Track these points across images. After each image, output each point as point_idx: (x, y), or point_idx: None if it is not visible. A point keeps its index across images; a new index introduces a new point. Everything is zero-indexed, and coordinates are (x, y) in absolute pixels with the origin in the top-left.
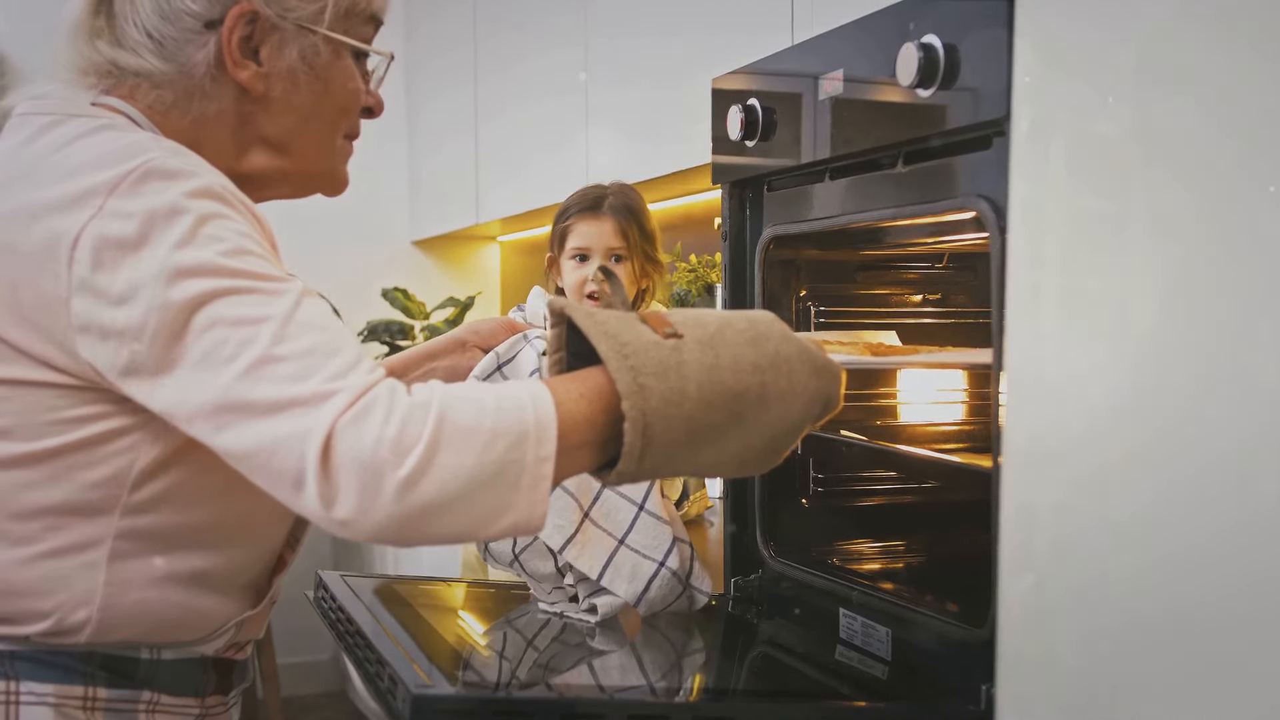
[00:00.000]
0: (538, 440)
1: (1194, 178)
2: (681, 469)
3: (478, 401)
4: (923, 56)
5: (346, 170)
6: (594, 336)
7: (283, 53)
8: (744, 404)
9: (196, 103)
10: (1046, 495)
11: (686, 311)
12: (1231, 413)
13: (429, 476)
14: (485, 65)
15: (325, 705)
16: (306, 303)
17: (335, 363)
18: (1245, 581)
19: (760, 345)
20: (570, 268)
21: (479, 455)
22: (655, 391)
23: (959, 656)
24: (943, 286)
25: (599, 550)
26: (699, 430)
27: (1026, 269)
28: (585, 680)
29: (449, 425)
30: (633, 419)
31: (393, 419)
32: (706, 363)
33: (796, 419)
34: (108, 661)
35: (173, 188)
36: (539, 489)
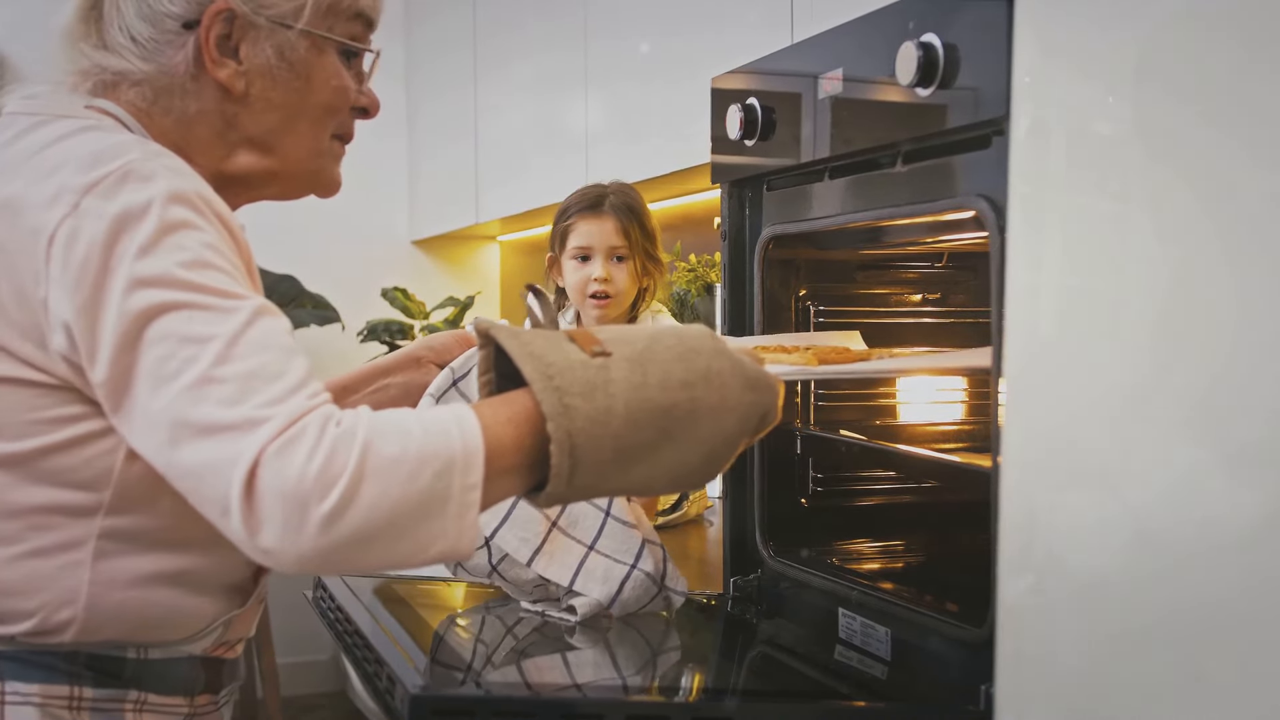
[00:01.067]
0: (464, 468)
1: (1194, 177)
2: (614, 488)
3: (403, 430)
4: (922, 55)
5: (339, 172)
6: (518, 358)
7: (259, 50)
8: (674, 421)
9: (178, 102)
10: (1046, 495)
11: (616, 329)
12: (1232, 412)
13: (353, 509)
14: (485, 65)
15: (324, 705)
16: (260, 322)
17: (274, 388)
18: (1245, 582)
19: (690, 361)
20: (572, 267)
21: (404, 486)
22: (581, 411)
23: (958, 656)
24: (942, 286)
25: (569, 558)
26: (629, 448)
27: (1026, 268)
28: (584, 680)
29: (374, 455)
30: (559, 440)
31: (319, 450)
32: (634, 381)
33: (731, 434)
34: (93, 661)
35: (147, 190)
36: (467, 517)
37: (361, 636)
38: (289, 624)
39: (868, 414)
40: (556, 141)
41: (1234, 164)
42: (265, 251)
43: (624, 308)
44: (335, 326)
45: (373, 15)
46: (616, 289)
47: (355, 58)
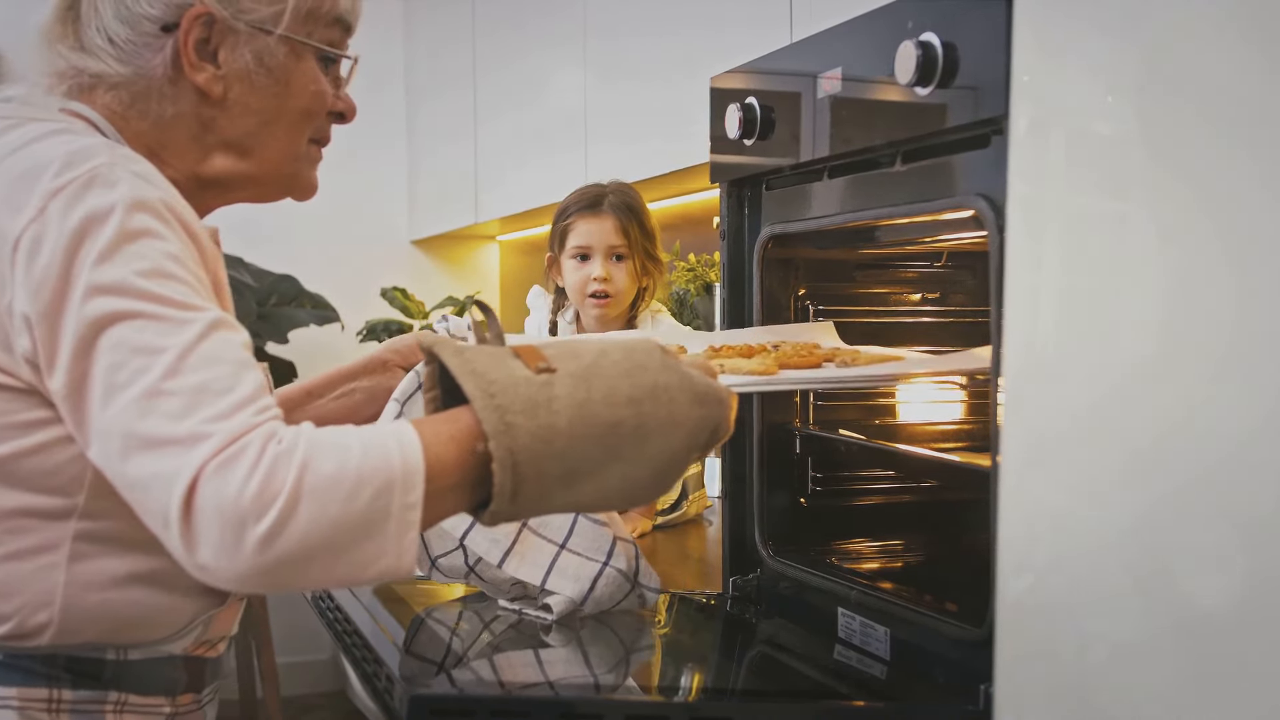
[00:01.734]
0: (404, 487)
1: (1193, 176)
2: (561, 505)
3: (343, 449)
4: (921, 55)
5: (315, 175)
6: (460, 375)
7: (238, 55)
8: (621, 437)
9: (155, 105)
10: (1045, 494)
11: (564, 343)
12: (1232, 412)
13: (290, 529)
14: (484, 65)
15: (324, 705)
16: (214, 335)
17: (221, 403)
18: (1245, 582)
19: (636, 376)
20: (571, 267)
21: (342, 505)
22: (523, 429)
23: (958, 656)
24: (941, 285)
25: (540, 557)
26: (574, 465)
27: (1025, 267)
28: (583, 680)
29: (311, 475)
30: (500, 458)
31: (259, 469)
32: (578, 397)
33: (680, 449)
34: (72, 663)
35: (110, 196)
36: (407, 536)
37: (361, 636)
38: (288, 624)
39: (867, 413)
40: (555, 141)
41: (1233, 163)
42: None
43: (623, 307)
44: (335, 326)
45: (351, 20)
46: (616, 288)
47: (333, 63)
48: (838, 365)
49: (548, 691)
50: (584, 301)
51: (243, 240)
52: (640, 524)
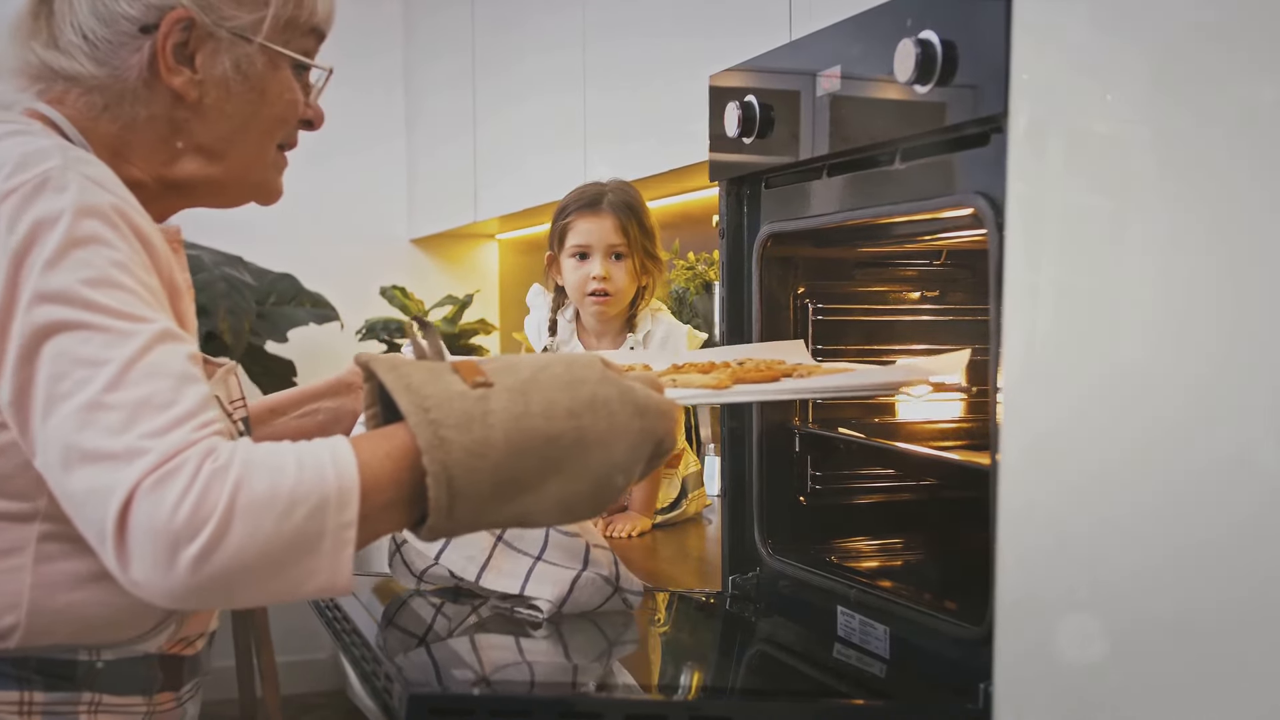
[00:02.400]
0: (339, 506)
1: (1193, 174)
2: (501, 519)
3: (278, 468)
4: (920, 53)
5: (281, 181)
6: (394, 391)
7: (217, 61)
8: (560, 450)
9: (128, 107)
10: (1045, 493)
11: (504, 358)
12: (1231, 411)
13: (223, 549)
14: (483, 63)
15: (324, 704)
16: (158, 348)
17: (160, 418)
18: (1245, 581)
19: (575, 389)
20: (570, 266)
21: (276, 524)
22: (457, 444)
23: (957, 655)
24: (940, 284)
25: (517, 568)
26: (512, 479)
27: (1024, 266)
28: (583, 678)
29: (245, 494)
30: (434, 474)
31: (193, 488)
32: (515, 410)
33: (621, 462)
34: (44, 665)
35: (60, 201)
36: (342, 554)
37: (360, 635)
38: (288, 623)
39: (866, 411)
40: (555, 139)
41: (1233, 162)
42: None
43: (623, 305)
44: (334, 325)
45: (326, 30)
46: (615, 287)
47: (304, 71)
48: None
49: (547, 690)
50: (583, 300)
51: (242, 239)
52: (640, 523)
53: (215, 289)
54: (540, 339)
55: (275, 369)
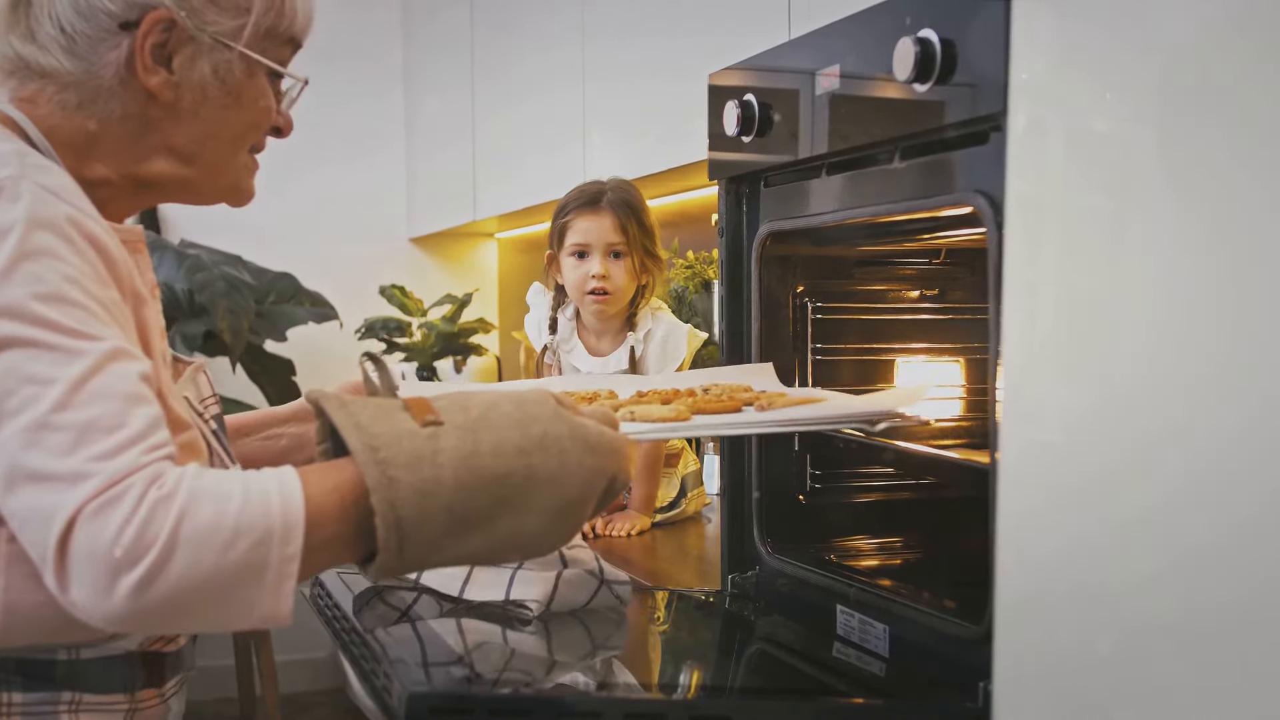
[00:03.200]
0: (283, 538)
1: (1192, 173)
2: (452, 557)
3: (223, 497)
4: (919, 51)
5: (253, 183)
6: (343, 430)
7: (196, 65)
8: (511, 488)
9: (102, 104)
10: (1044, 491)
11: (456, 395)
12: (1231, 410)
13: (163, 578)
14: (482, 62)
15: (323, 703)
16: (108, 368)
17: (108, 441)
18: (1245, 580)
19: (526, 427)
20: (570, 264)
21: (218, 555)
22: (405, 483)
23: (957, 653)
24: (940, 282)
25: (498, 579)
26: (462, 517)
27: (1023, 264)
28: (582, 678)
29: (189, 523)
30: (383, 513)
31: (136, 515)
32: (465, 449)
33: (574, 499)
34: (22, 666)
35: (12, 213)
36: (284, 587)
37: (359, 634)
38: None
39: None
40: (554, 138)
41: (1232, 160)
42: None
43: (622, 304)
44: (333, 324)
45: (303, 40)
46: (615, 285)
47: (278, 78)
48: (756, 409)
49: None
50: (583, 299)
51: (241, 238)
52: (639, 521)
53: (215, 288)
54: (540, 338)
55: (274, 368)
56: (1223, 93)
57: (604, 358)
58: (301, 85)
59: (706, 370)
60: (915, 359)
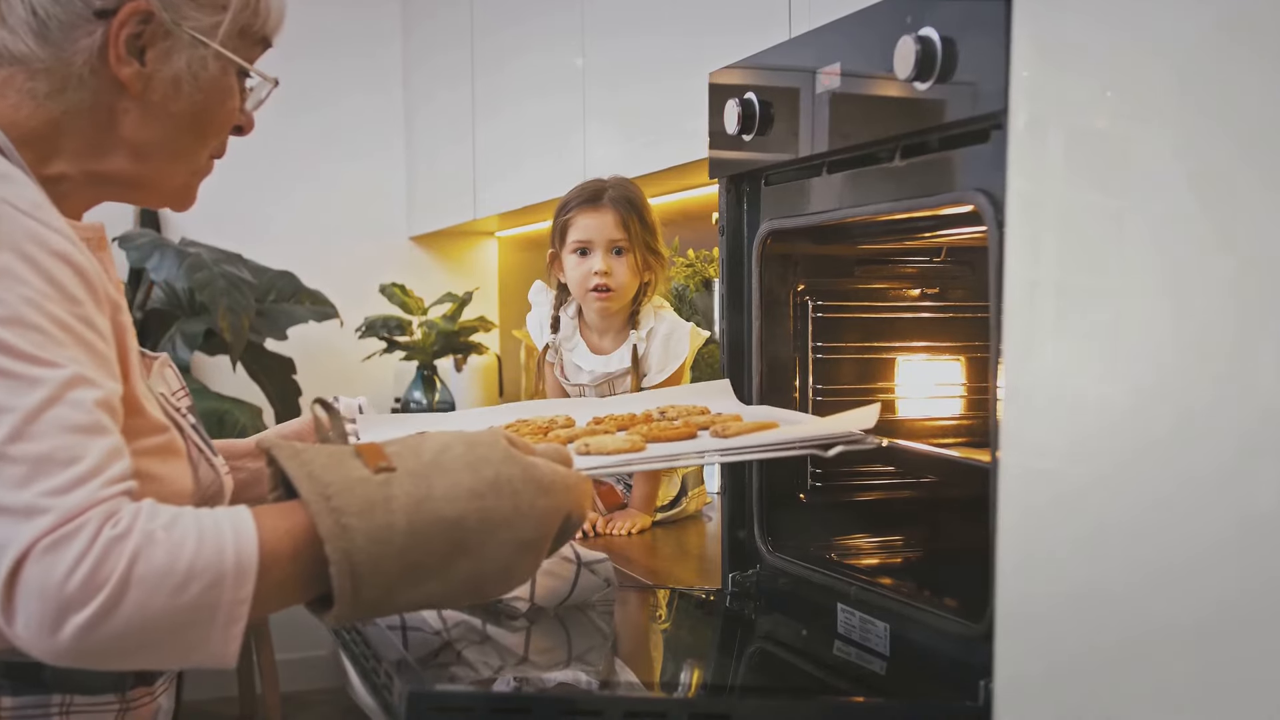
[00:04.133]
0: (235, 583)
1: (1192, 171)
2: (410, 602)
3: (178, 540)
4: (920, 50)
5: (197, 190)
6: (296, 479)
7: (170, 59)
8: (465, 532)
9: (71, 93)
10: (1045, 490)
11: (407, 440)
12: (1232, 410)
13: (111, 620)
14: (483, 60)
15: (323, 701)
16: (66, 397)
17: (63, 475)
18: (1246, 579)
19: (479, 470)
20: (572, 262)
21: (169, 598)
22: (359, 530)
23: (958, 652)
24: (940, 281)
25: None
26: (417, 563)
27: (1024, 263)
28: (582, 676)
29: (142, 565)
30: (337, 562)
31: (89, 554)
32: (418, 495)
33: (529, 540)
34: (10, 669)
35: None
36: (232, 630)
37: (359, 632)
38: (288, 620)
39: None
40: (554, 137)
41: (1233, 159)
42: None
43: (625, 301)
44: (334, 322)
45: (274, 40)
46: (617, 282)
47: (244, 77)
48: (712, 434)
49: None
50: (585, 296)
51: (241, 237)
52: (640, 520)
53: (215, 286)
54: (542, 336)
55: (275, 367)
56: (1224, 90)
57: (606, 356)
58: (271, 86)
59: (664, 390)
60: (916, 357)
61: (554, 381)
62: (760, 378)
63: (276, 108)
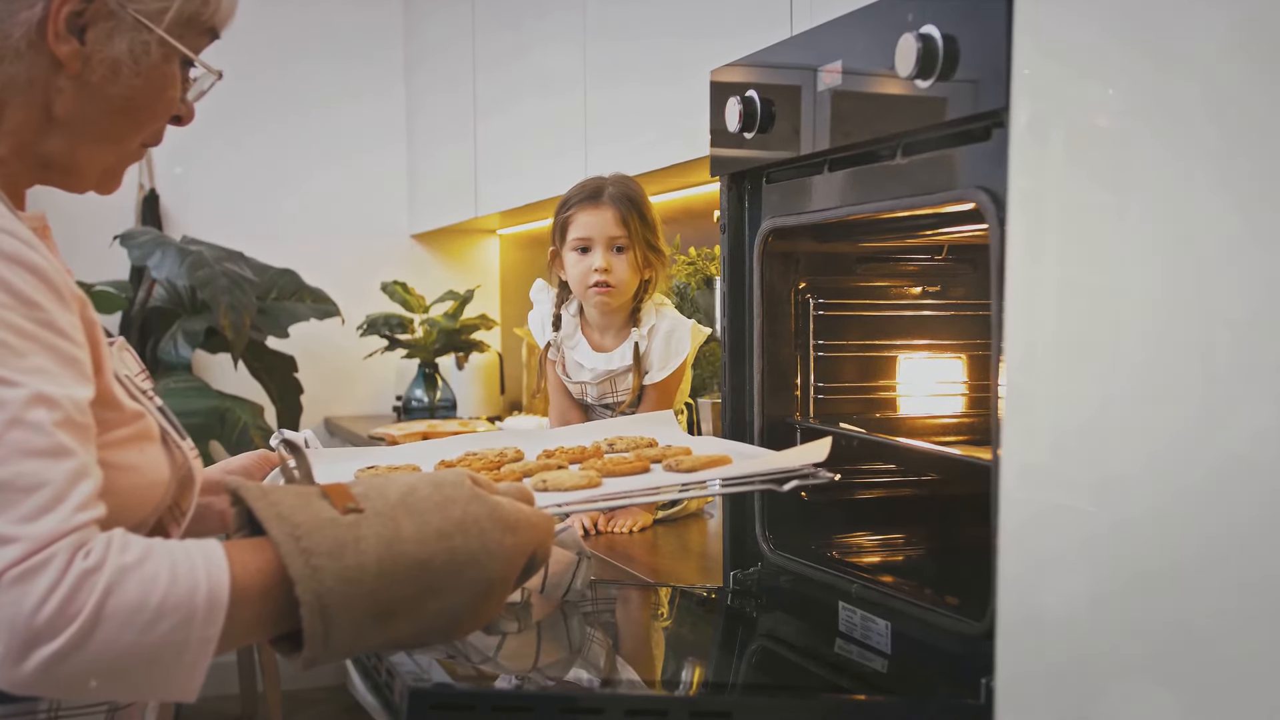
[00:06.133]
0: (205, 621)
1: (1194, 169)
2: (378, 643)
3: (150, 576)
4: (921, 47)
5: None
6: (265, 520)
7: (112, 41)
8: (433, 573)
9: (7, 65)
10: (1046, 488)
11: (373, 481)
12: (1233, 408)
13: (80, 653)
14: (484, 58)
15: (324, 700)
16: (28, 417)
17: (29, 502)
18: (1248, 578)
19: (446, 510)
20: (572, 260)
21: (138, 635)
22: (330, 571)
23: (958, 650)
24: (942, 279)
25: None
26: (387, 604)
27: (1025, 260)
28: (584, 674)
29: (114, 601)
30: (308, 603)
31: (60, 587)
32: (386, 536)
33: (497, 578)
34: None
35: None
36: (199, 666)
37: None
38: None
39: (868, 407)
40: (556, 135)
41: (1233, 156)
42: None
43: (626, 298)
44: (335, 320)
45: (221, 31)
46: (617, 279)
47: (188, 66)
48: (665, 468)
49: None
50: (586, 293)
51: (243, 235)
52: (641, 518)
53: (216, 284)
54: (544, 334)
55: (276, 364)
56: (1224, 89)
57: (608, 353)
58: (215, 78)
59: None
60: (917, 355)
61: (556, 379)
62: (761, 375)
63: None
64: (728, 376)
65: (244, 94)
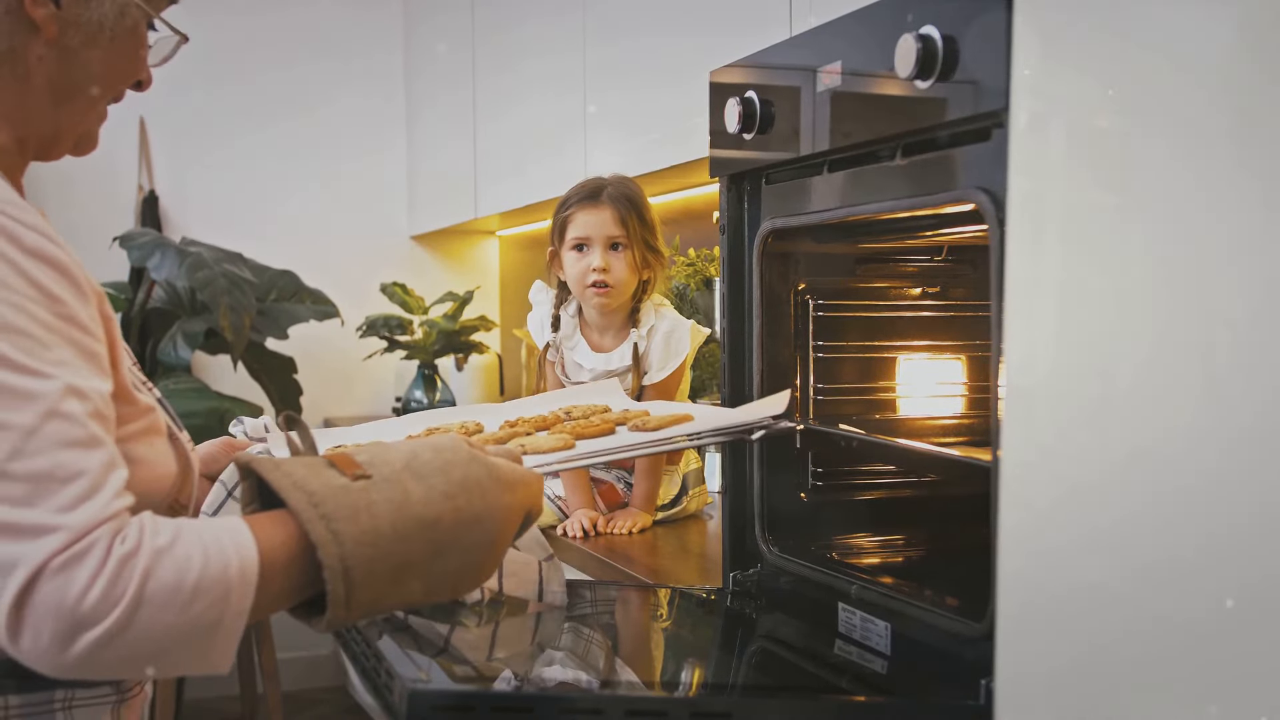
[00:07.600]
0: (239, 596)
1: (1194, 169)
2: (393, 604)
3: (185, 556)
4: (921, 48)
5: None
6: (282, 490)
7: (89, 4)
8: (440, 532)
9: None
10: (1046, 488)
11: (372, 448)
12: (1233, 408)
13: (124, 636)
14: (484, 59)
15: (325, 700)
16: (62, 407)
17: (68, 492)
18: (1246, 578)
19: (448, 472)
20: (571, 259)
21: (177, 615)
22: (349, 535)
23: (958, 651)
24: (942, 279)
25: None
26: (401, 563)
27: (1025, 261)
28: (583, 674)
29: (153, 583)
30: (330, 567)
31: (104, 573)
32: (396, 499)
33: (496, 536)
34: (14, 668)
35: None
36: (232, 640)
37: (360, 631)
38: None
39: (868, 408)
40: (555, 135)
41: (1235, 158)
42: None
43: (624, 298)
44: (334, 321)
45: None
46: (616, 278)
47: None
48: (630, 429)
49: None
50: (584, 293)
51: (242, 236)
52: (641, 519)
53: (216, 285)
54: (543, 335)
55: (276, 366)
56: (1225, 88)
57: (607, 354)
58: (179, 41)
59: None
60: (917, 356)
61: (555, 380)
62: (761, 376)
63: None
64: (727, 377)
65: (244, 95)
